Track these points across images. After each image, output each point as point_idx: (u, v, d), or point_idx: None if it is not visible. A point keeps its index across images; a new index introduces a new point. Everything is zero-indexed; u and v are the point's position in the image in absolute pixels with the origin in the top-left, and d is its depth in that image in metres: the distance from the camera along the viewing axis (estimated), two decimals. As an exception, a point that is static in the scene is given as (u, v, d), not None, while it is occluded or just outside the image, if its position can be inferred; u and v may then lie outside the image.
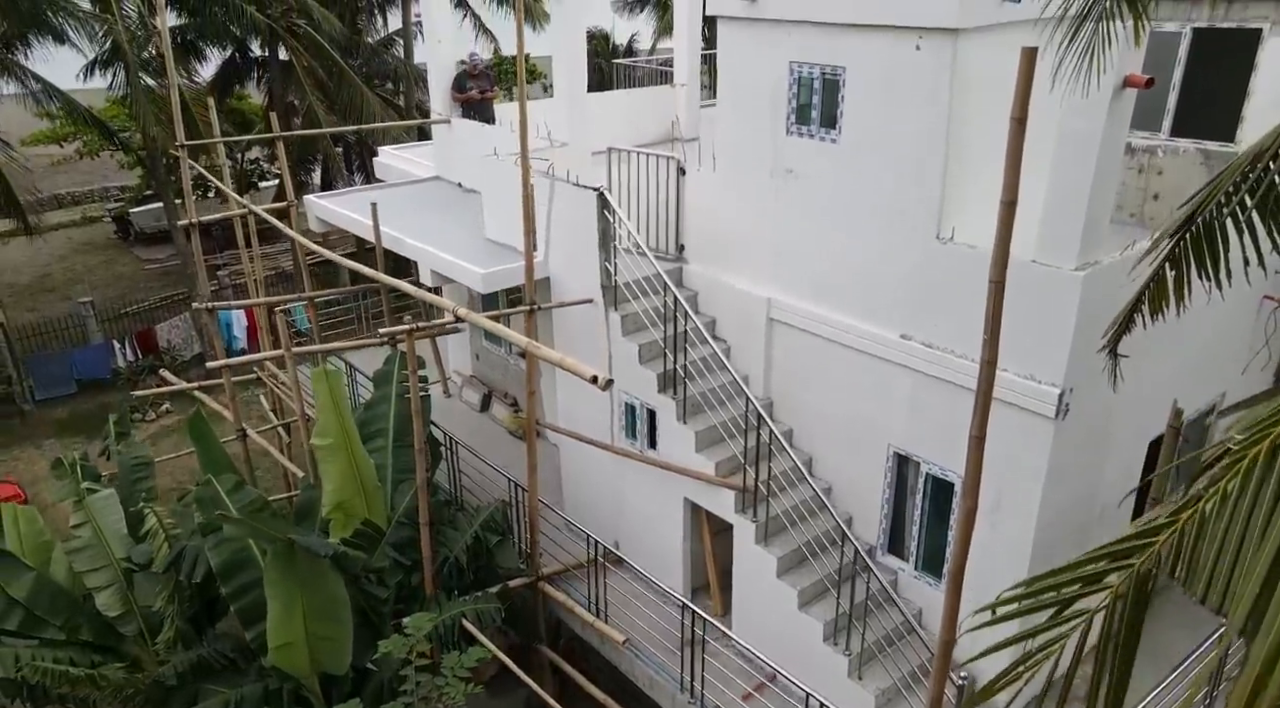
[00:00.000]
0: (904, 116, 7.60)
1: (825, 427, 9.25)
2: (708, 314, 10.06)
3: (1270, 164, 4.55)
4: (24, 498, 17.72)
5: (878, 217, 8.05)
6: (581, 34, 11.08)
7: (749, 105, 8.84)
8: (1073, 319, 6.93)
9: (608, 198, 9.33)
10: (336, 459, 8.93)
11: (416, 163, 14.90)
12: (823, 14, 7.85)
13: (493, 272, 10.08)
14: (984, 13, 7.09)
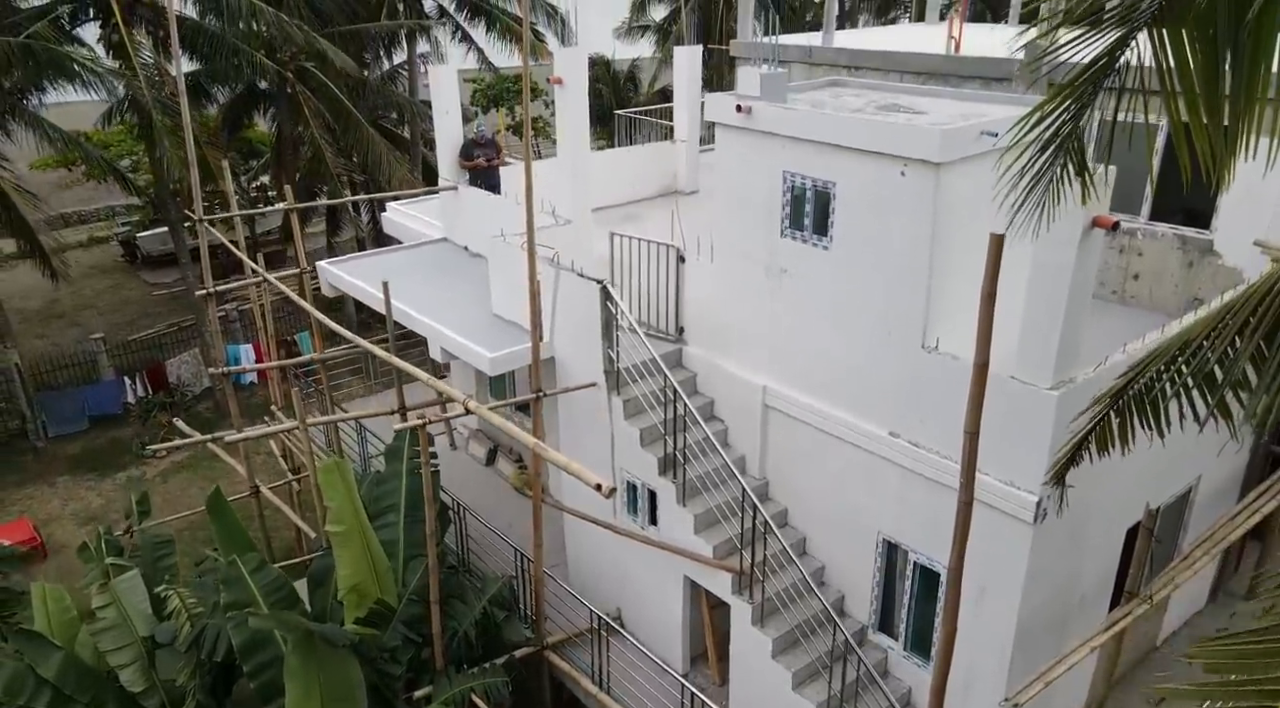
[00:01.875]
0: (891, 231, 8.03)
1: (818, 509, 9.68)
2: (706, 395, 10.50)
3: (1204, 343, 4.98)
4: (39, 541, 18.16)
5: (867, 321, 8.48)
6: (584, 117, 11.49)
7: (745, 206, 9.26)
8: (1049, 433, 7.35)
9: (610, 291, 9.75)
10: (350, 545, 9.36)
11: (424, 221, 15.33)
12: (813, 133, 8.27)
13: (500, 356, 10.51)
14: (964, 146, 7.52)
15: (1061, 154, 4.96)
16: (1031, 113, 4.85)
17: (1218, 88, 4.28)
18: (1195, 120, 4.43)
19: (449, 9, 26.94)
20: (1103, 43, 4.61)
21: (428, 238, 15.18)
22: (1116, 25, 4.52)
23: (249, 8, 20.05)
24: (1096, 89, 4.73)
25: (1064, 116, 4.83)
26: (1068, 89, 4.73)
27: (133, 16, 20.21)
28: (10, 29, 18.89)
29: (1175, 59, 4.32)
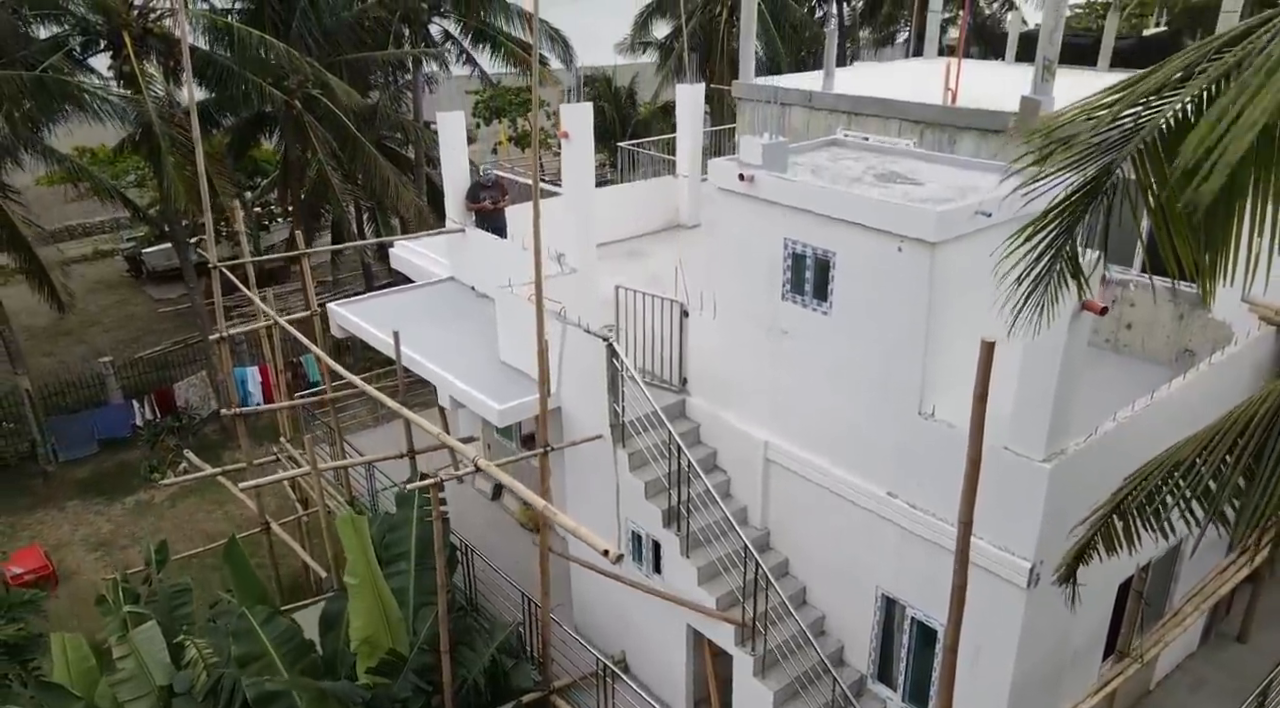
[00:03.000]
0: (889, 301, 8.28)
1: (819, 561, 9.93)
2: (709, 445, 10.75)
3: (1198, 460, 5.22)
4: (51, 570, 18.41)
5: (865, 385, 8.73)
6: (590, 169, 11.76)
7: (747, 267, 9.51)
8: (1041, 503, 7.61)
9: (615, 348, 10.01)
10: (364, 595, 9.62)
11: (431, 259, 15.59)
12: (814, 205, 8.53)
13: (509, 408, 10.76)
14: (959, 226, 7.78)
15: (1056, 261, 5.21)
16: (1025, 229, 5.10)
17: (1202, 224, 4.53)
18: (1181, 243, 4.69)
19: (454, 33, 27.19)
20: (1091, 169, 4.88)
21: (434, 275, 15.45)
22: (1102, 156, 4.78)
23: (259, 40, 20.32)
24: (1086, 207, 4.99)
25: (1056, 230, 5.08)
26: (1058, 209, 4.98)
27: (143, 48, 20.48)
28: (23, 62, 19.19)
29: (1158, 188, 4.57)
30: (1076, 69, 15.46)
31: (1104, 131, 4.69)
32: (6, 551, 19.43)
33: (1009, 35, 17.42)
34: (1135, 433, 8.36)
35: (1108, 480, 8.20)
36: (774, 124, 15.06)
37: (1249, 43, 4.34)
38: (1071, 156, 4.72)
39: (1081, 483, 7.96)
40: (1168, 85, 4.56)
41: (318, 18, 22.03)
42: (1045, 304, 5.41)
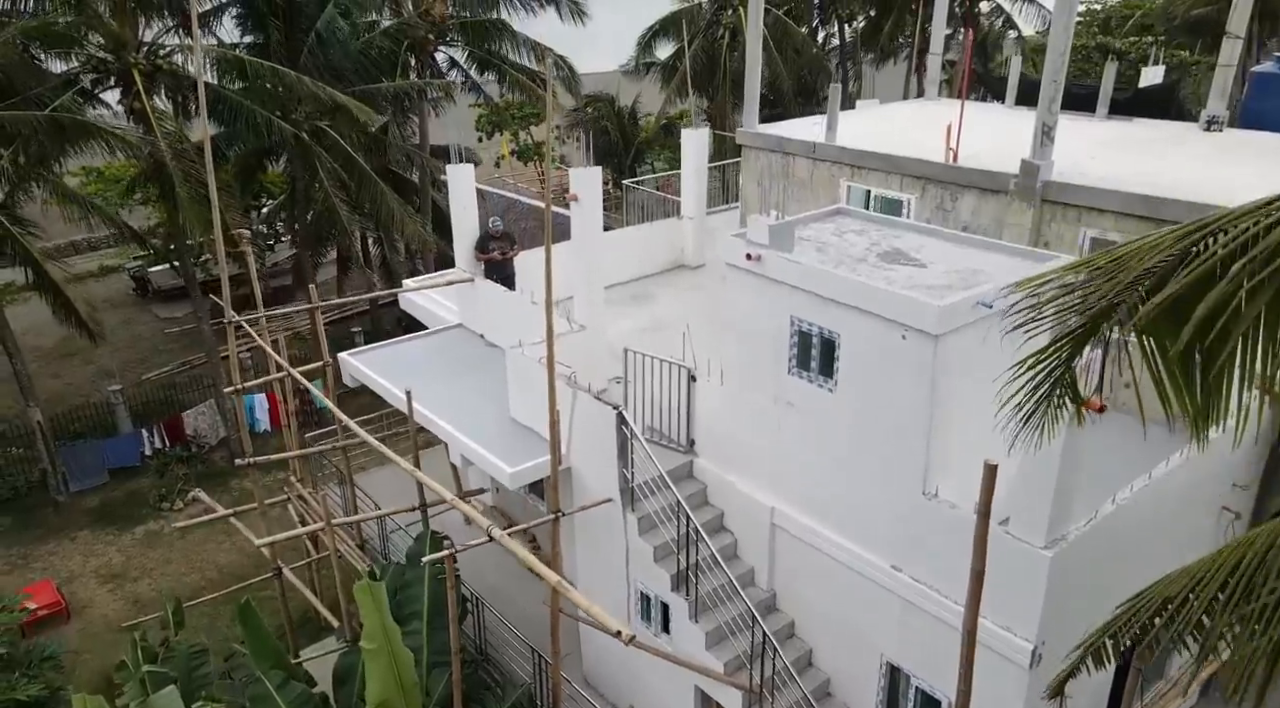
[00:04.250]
0: (893, 384, 8.50)
1: (825, 625, 10.15)
2: (717, 507, 10.98)
3: (1190, 596, 5.43)
4: (63, 605, 18.62)
5: (870, 462, 8.95)
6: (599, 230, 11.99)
7: (754, 340, 9.74)
8: (1043, 588, 7.83)
9: (625, 416, 10.23)
10: (379, 660, 9.84)
11: (439, 303, 15.81)
12: (819, 288, 8.75)
13: (520, 470, 10.99)
14: (960, 317, 8.00)
15: (1055, 388, 5.42)
16: (1025, 360, 5.31)
17: (1190, 375, 4.73)
18: (1172, 384, 4.89)
19: (460, 61, 27.43)
20: (1087, 315, 5.08)
21: (441, 319, 15.70)
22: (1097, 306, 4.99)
23: (271, 71, 20.54)
24: (1082, 344, 5.19)
25: (1055, 363, 5.29)
26: (1056, 346, 5.19)
27: (152, 84, 20.71)
28: (35, 99, 19.43)
29: (1155, 345, 4.77)
30: (1076, 115, 15.69)
31: (1096, 285, 4.87)
32: (19, 584, 19.64)
33: (1009, 79, 17.63)
34: (1136, 511, 8.60)
35: (1108, 557, 8.46)
36: (778, 173, 15.30)
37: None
38: (1065, 307, 4.92)
39: (1083, 562, 8.21)
40: (1156, 250, 4.74)
41: (324, 51, 22.25)
42: (1045, 425, 5.61)
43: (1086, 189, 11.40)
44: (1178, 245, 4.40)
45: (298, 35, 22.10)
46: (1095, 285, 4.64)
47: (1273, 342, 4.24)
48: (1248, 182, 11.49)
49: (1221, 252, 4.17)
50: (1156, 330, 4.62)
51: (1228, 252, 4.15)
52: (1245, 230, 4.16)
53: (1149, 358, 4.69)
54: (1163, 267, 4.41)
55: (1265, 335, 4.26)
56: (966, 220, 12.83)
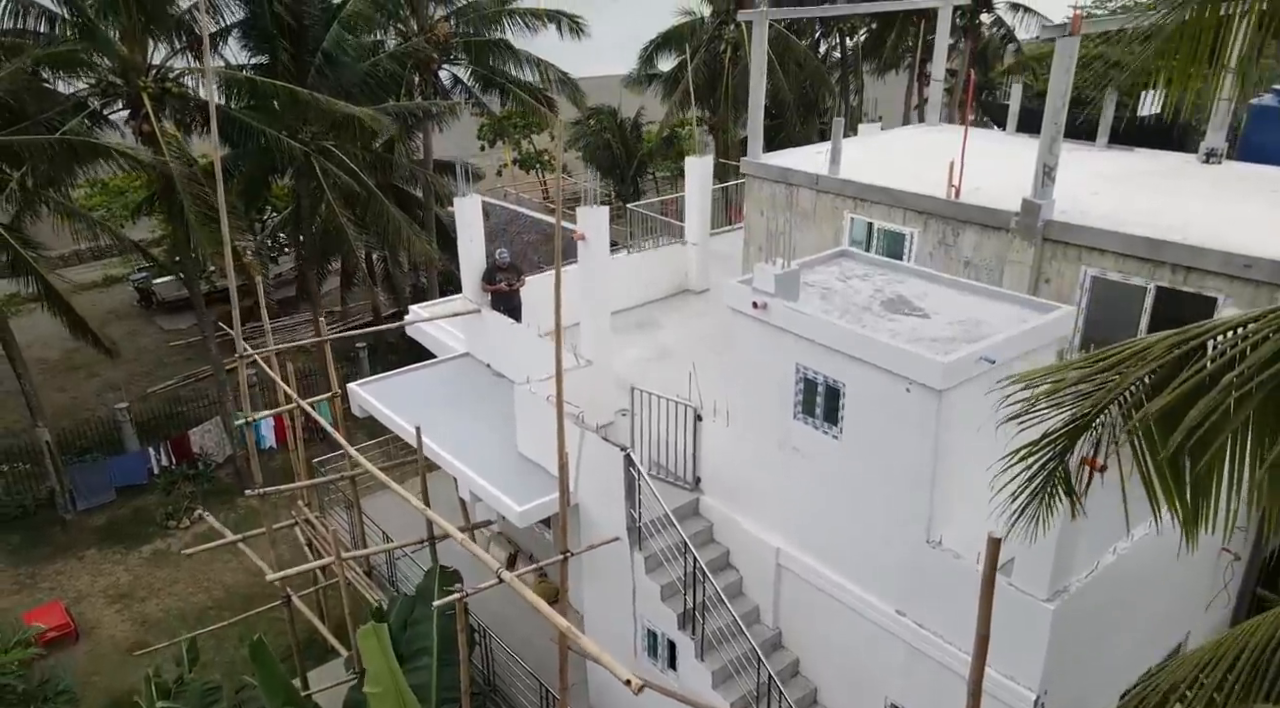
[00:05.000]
0: (897, 434, 8.65)
1: (829, 665, 10.30)
2: (723, 544, 11.13)
3: (1200, 675, 5.57)
4: (72, 627, 18.77)
5: (875, 509, 9.10)
6: (607, 268, 12.15)
7: (760, 385, 9.89)
8: (1046, 639, 7.97)
9: (632, 457, 10.38)
10: (386, 703, 9.99)
11: (446, 330, 15.96)
12: (825, 338, 8.90)
13: (529, 508, 11.14)
14: (964, 372, 8.14)
15: (1050, 480, 5.56)
16: (1020, 450, 5.45)
17: (1180, 477, 4.87)
18: (1162, 485, 5.04)
19: (463, 79, 27.58)
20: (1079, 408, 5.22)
21: (446, 346, 15.85)
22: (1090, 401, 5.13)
23: (286, 92, 20.70)
24: (1076, 438, 5.34)
25: (1049, 455, 5.44)
26: (1049, 439, 5.34)
27: (161, 107, 20.87)
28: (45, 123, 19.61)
29: (1145, 446, 4.92)
30: (1077, 144, 15.84)
31: (1087, 381, 5.01)
32: (28, 603, 19.82)
33: (1010, 107, 17.78)
34: (1136, 560, 8.74)
35: (1110, 604, 8.61)
36: (782, 204, 15.45)
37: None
38: (1057, 400, 5.06)
39: (1085, 612, 8.36)
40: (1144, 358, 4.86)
41: (332, 71, 22.40)
42: (1041, 515, 5.75)
43: (1087, 229, 11.54)
44: (1169, 354, 4.54)
45: (305, 56, 22.24)
46: (1088, 391, 4.78)
47: (1260, 448, 4.38)
48: (1246, 218, 11.63)
49: (1211, 366, 4.31)
50: (1147, 432, 4.77)
51: (1216, 366, 4.29)
52: (1234, 344, 4.29)
53: (1139, 458, 4.83)
54: (1154, 376, 4.56)
55: (1254, 442, 4.40)
56: (969, 256, 12.97)
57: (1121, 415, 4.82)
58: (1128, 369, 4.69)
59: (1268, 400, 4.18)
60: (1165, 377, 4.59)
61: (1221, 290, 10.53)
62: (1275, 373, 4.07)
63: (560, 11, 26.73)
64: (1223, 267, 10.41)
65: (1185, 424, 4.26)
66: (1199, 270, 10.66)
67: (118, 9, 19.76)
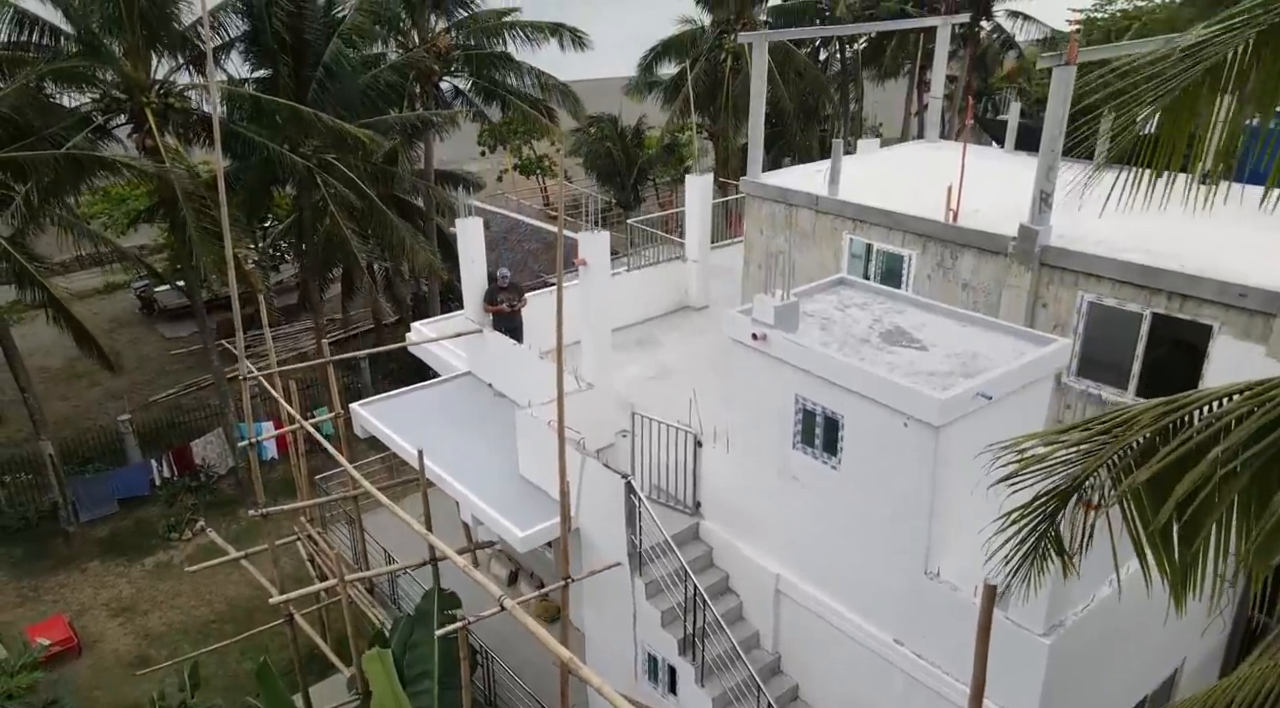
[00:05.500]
0: (895, 466, 8.74)
1: (827, 691, 10.39)
2: (722, 569, 11.22)
3: None
4: (76, 642, 18.86)
5: (873, 539, 9.19)
6: (608, 294, 12.25)
7: (760, 414, 9.98)
8: (1042, 673, 8.07)
9: (633, 485, 10.47)
10: (393, 727, 10.09)
11: (448, 349, 16.06)
12: (824, 371, 8.99)
13: (531, 534, 11.23)
14: (961, 408, 8.24)
15: (1041, 541, 5.65)
16: (1011, 513, 5.54)
17: (1169, 544, 4.96)
18: (1152, 550, 5.13)
19: (464, 90, 27.67)
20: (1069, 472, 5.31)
21: (448, 364, 15.95)
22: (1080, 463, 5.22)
23: (288, 110, 20.79)
24: (1066, 501, 5.43)
25: (1039, 518, 5.53)
26: (1040, 503, 5.43)
27: (164, 121, 20.97)
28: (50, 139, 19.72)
29: (1135, 511, 5.01)
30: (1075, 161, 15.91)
31: (1077, 448, 5.10)
32: (32, 616, 19.92)
33: (1009, 123, 17.88)
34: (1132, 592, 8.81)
35: (1106, 637, 8.70)
36: (781, 223, 15.55)
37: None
38: (1048, 466, 5.15)
39: (1081, 645, 8.45)
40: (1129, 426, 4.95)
41: (333, 85, 22.47)
42: (1033, 576, 5.84)
43: (1084, 256, 11.64)
44: (1157, 423, 4.63)
45: (305, 70, 22.33)
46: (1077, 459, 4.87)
47: (1247, 519, 4.46)
48: (1242, 244, 11.71)
49: (1198, 437, 4.40)
50: (1137, 498, 4.86)
51: (1204, 437, 4.38)
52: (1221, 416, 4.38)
53: (1129, 522, 4.93)
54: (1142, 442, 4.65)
55: (1239, 513, 4.49)
56: (967, 279, 13.08)
57: (1111, 480, 4.91)
58: (1118, 435, 4.77)
59: (1254, 479, 4.27)
60: (1153, 445, 4.69)
61: (1217, 318, 10.64)
62: (1259, 452, 4.16)
63: (561, 24, 26.81)
64: (1218, 295, 10.51)
65: (1174, 497, 4.35)
66: (1195, 298, 10.77)
67: (121, 25, 19.85)
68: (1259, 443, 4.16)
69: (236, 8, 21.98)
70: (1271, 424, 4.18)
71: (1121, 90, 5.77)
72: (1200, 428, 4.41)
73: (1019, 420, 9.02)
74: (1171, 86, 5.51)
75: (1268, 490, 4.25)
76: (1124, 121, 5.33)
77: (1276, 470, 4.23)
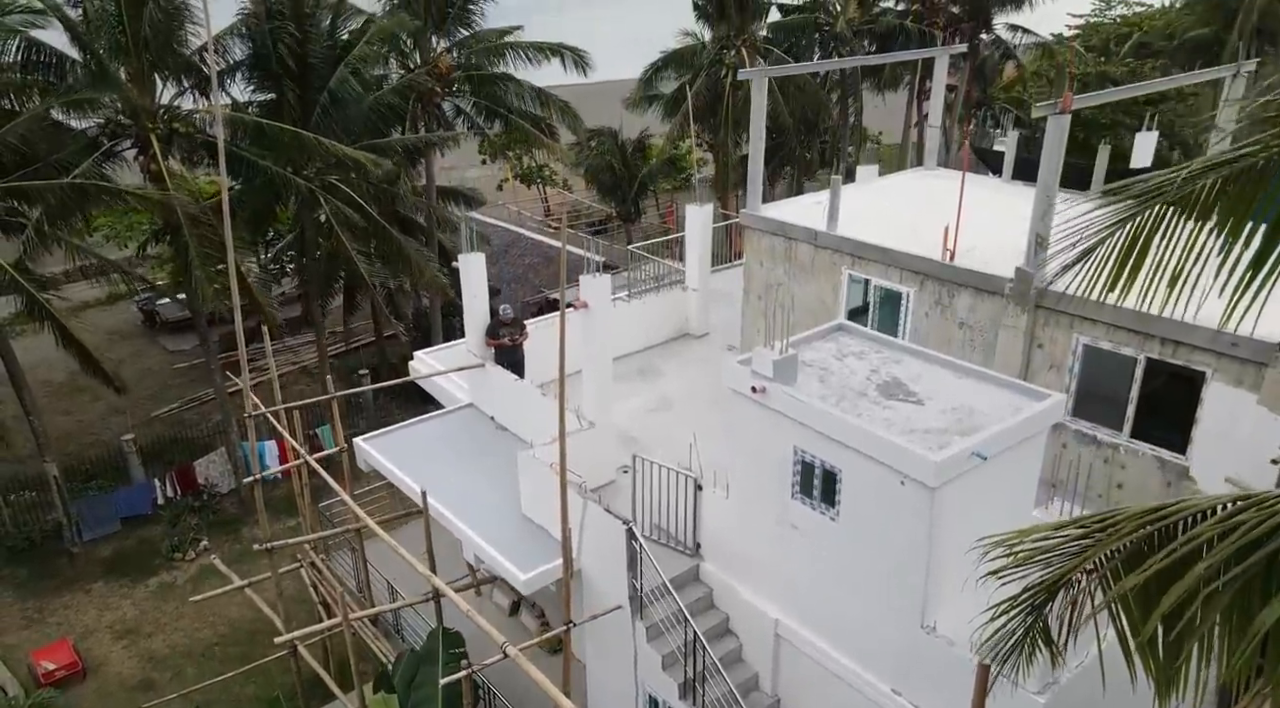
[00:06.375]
0: (892, 521, 8.90)
1: (826, 734, 10.55)
2: (723, 610, 11.38)
3: None
4: (80, 666, 19.00)
5: (871, 590, 9.35)
6: (609, 336, 12.42)
7: (759, 463, 10.13)
8: (1036, 729, 8.23)
9: (634, 531, 10.63)
10: (398, 770, 10.25)
11: (453, 382, 16.21)
12: (822, 427, 9.15)
13: (533, 576, 11.39)
14: (955, 469, 8.39)
15: (1029, 633, 5.81)
16: (997, 606, 5.68)
17: (1156, 648, 5.10)
18: (1139, 651, 5.26)
19: (465, 109, 27.82)
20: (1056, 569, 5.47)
21: (452, 395, 16.11)
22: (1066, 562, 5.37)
23: (292, 136, 20.95)
24: (1052, 594, 5.58)
25: (1026, 611, 5.69)
26: (1028, 596, 5.58)
27: (169, 146, 21.14)
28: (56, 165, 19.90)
29: (1124, 614, 5.16)
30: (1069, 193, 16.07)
31: (1064, 545, 5.25)
32: (37, 639, 20.07)
33: (1005, 155, 18.02)
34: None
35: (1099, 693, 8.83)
36: (780, 256, 15.69)
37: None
38: (1037, 561, 5.31)
39: (1074, 703, 8.60)
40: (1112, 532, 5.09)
41: (337, 110, 22.63)
42: (1021, 666, 6.00)
43: (1079, 299, 11.77)
44: (1136, 531, 4.79)
45: (310, 94, 22.49)
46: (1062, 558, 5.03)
47: (1228, 636, 4.60)
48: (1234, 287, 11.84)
49: (1181, 550, 4.54)
50: (1125, 603, 5.01)
51: (1187, 551, 4.53)
52: (1202, 534, 4.52)
53: (1117, 627, 5.08)
54: (1128, 547, 4.81)
55: (1222, 630, 4.63)
56: (964, 317, 13.23)
57: (1099, 579, 5.06)
58: (1101, 540, 4.93)
59: (1236, 597, 4.41)
60: (1139, 549, 4.84)
61: (1210, 365, 10.79)
62: (1242, 571, 4.31)
63: (563, 45, 26.94)
64: (1210, 343, 10.66)
65: (1158, 612, 4.50)
66: (1188, 345, 10.92)
67: (126, 52, 20.01)
68: (1241, 564, 4.31)
69: (241, 32, 22.14)
70: (1252, 545, 4.32)
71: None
72: (1183, 543, 4.56)
73: (1015, 476, 9.19)
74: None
75: (1249, 611, 4.40)
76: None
77: (1258, 590, 4.38)
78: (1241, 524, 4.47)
